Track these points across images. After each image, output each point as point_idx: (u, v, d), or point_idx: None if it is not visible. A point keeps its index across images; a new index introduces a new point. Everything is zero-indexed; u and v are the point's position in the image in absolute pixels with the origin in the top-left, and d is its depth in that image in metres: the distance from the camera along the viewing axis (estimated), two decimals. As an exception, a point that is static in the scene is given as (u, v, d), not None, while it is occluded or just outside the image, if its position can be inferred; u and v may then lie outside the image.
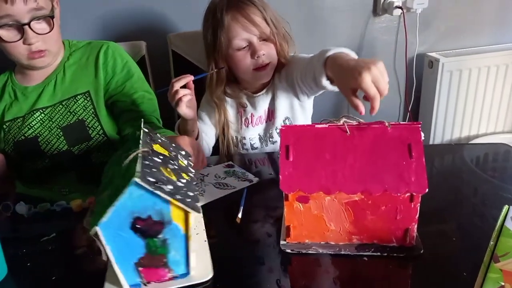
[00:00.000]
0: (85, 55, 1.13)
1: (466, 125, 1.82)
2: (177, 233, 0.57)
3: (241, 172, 0.92)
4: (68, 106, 1.08)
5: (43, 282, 0.64)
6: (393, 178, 0.61)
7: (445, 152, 1.05)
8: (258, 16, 1.04)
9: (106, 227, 0.53)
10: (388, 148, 0.63)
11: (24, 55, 1.01)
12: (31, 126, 1.07)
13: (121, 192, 0.51)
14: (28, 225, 0.79)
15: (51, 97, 1.09)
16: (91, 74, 1.11)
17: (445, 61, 1.66)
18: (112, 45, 1.15)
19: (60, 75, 1.10)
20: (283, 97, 1.13)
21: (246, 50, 1.06)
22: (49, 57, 1.06)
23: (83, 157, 1.09)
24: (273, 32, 1.06)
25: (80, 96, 1.09)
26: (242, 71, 1.10)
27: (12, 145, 1.08)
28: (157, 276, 0.59)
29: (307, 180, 0.63)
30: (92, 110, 1.09)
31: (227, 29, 1.03)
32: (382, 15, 1.65)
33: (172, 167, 0.60)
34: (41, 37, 0.99)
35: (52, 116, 1.08)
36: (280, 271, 0.63)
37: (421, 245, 0.65)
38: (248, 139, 1.18)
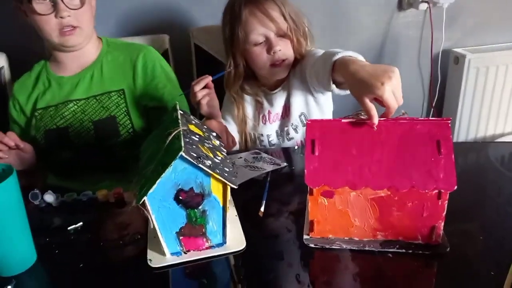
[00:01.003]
0: (123, 54, 1.21)
1: (492, 123, 1.85)
2: (216, 205, 0.64)
3: (269, 158, 0.99)
4: (101, 101, 1.16)
5: (71, 269, 0.69)
6: (421, 175, 0.62)
7: (470, 150, 1.07)
8: (276, 11, 1.08)
9: (152, 198, 0.61)
10: (416, 144, 0.64)
11: (55, 31, 1.08)
12: (63, 117, 1.15)
13: (168, 166, 0.58)
14: (56, 214, 0.86)
15: (85, 90, 1.17)
16: (128, 74, 1.18)
17: (471, 57, 1.70)
18: (151, 50, 1.23)
19: (98, 70, 1.18)
20: (298, 93, 1.18)
21: (262, 46, 1.10)
22: (80, 36, 1.13)
23: (108, 153, 1.16)
24: (291, 28, 1.10)
25: (115, 93, 1.17)
26: (258, 67, 1.16)
27: (43, 133, 1.16)
28: (196, 245, 0.67)
29: (332, 174, 0.64)
30: (124, 108, 1.16)
31: (244, 23, 1.09)
32: (407, 10, 1.70)
33: (208, 146, 0.68)
34: (73, 12, 1.07)
35: (85, 109, 1.16)
36: (300, 266, 0.66)
37: (447, 243, 0.66)
38: (265, 136, 1.23)
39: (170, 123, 0.69)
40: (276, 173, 0.93)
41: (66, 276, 0.68)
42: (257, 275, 0.64)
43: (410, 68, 1.81)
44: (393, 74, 0.69)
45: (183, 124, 0.66)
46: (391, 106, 0.68)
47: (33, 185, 0.90)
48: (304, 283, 0.62)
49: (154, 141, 0.72)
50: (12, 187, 0.64)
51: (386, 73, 0.69)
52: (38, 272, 0.69)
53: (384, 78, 0.68)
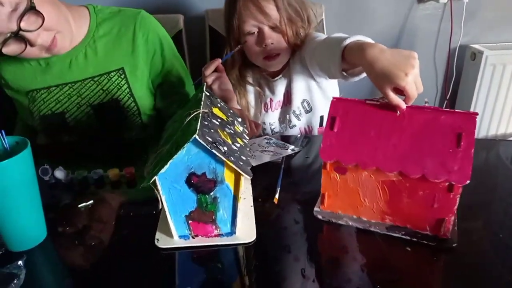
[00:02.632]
0: (116, 25, 1.08)
1: (504, 122, 1.84)
2: (227, 193, 0.64)
3: (281, 143, 0.99)
4: (100, 83, 1.06)
5: (80, 247, 0.68)
6: (434, 164, 0.62)
7: (481, 147, 1.05)
8: (271, 4, 1.06)
9: (163, 178, 0.61)
10: (436, 133, 0.64)
11: (41, 53, 0.96)
12: (59, 101, 1.06)
13: (181, 147, 0.58)
14: (66, 191, 0.85)
15: (80, 71, 1.05)
16: (126, 49, 1.07)
17: (489, 54, 1.68)
18: (145, 15, 1.11)
19: (91, 47, 1.06)
20: (299, 80, 1.17)
21: (255, 36, 1.10)
22: (65, 39, 0.98)
23: (115, 135, 1.12)
24: (286, 21, 1.08)
25: (114, 73, 1.06)
26: (252, 58, 1.15)
27: (38, 118, 1.08)
28: (205, 231, 0.67)
29: (346, 151, 0.67)
30: (127, 90, 1.07)
31: (238, 14, 1.08)
32: (427, 2, 1.67)
33: (228, 131, 0.67)
34: (40, 29, 0.89)
35: (82, 92, 1.06)
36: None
37: (456, 239, 0.66)
38: (268, 124, 1.23)
39: (193, 104, 0.68)
40: (289, 160, 0.93)
41: (75, 253, 0.68)
42: (265, 268, 0.64)
43: (425, 62, 1.79)
44: (415, 62, 0.68)
45: (205, 106, 0.65)
46: (412, 96, 0.67)
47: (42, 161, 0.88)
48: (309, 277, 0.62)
49: (177, 120, 0.71)
50: (26, 161, 0.64)
51: (408, 61, 0.68)
52: (49, 248, 0.69)
53: (407, 68, 0.67)
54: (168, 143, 0.64)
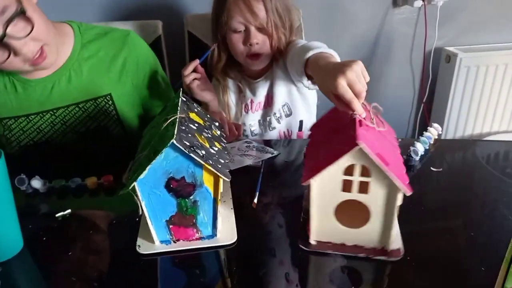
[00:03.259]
0: (103, 48, 1.02)
1: (479, 122, 1.88)
2: (207, 196, 0.64)
3: (261, 147, 1.00)
4: (86, 109, 0.99)
5: (58, 257, 0.67)
6: None
7: (458, 148, 1.09)
8: (260, 4, 1.08)
9: (142, 184, 0.60)
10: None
11: (24, 65, 0.88)
12: (40, 130, 0.99)
13: (159, 152, 0.58)
14: (43, 201, 0.84)
15: (63, 96, 0.98)
16: (114, 75, 1.02)
17: (463, 56, 1.71)
18: (134, 37, 1.07)
19: (75, 70, 0.98)
20: (281, 84, 1.19)
21: (241, 35, 1.11)
22: (52, 53, 0.92)
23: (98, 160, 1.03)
24: (273, 24, 1.10)
25: (101, 99, 1.00)
26: (236, 54, 1.16)
27: (17, 148, 1.01)
28: (186, 235, 0.67)
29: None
30: (115, 116, 1.03)
31: (227, 10, 1.09)
32: (402, 6, 1.70)
33: (206, 135, 0.67)
34: (28, 38, 0.84)
35: (66, 120, 0.99)
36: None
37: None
38: (248, 125, 1.23)
39: (170, 109, 0.68)
40: (270, 164, 0.93)
41: (54, 263, 0.67)
42: (247, 269, 0.64)
43: (402, 65, 1.82)
44: (349, 68, 0.68)
45: (182, 111, 0.65)
46: (347, 99, 0.66)
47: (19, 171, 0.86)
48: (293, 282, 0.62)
49: (154, 127, 0.71)
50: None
51: (340, 68, 0.68)
52: (25, 259, 0.68)
53: (338, 73, 0.67)
54: (146, 149, 0.63)
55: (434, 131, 1.00)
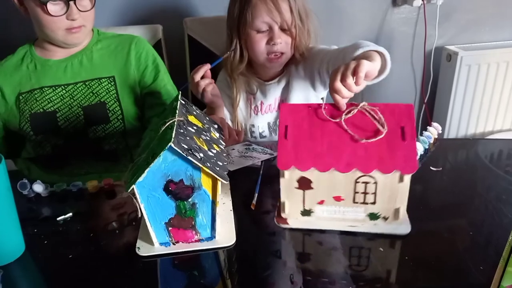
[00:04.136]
0: (113, 43, 1.22)
1: (482, 121, 1.88)
2: (205, 199, 0.64)
3: (260, 148, 1.00)
4: (91, 86, 1.15)
5: (60, 260, 0.68)
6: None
7: (460, 146, 1.09)
8: (285, 4, 1.08)
9: (141, 187, 0.61)
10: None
11: (63, 30, 1.09)
12: (51, 100, 1.14)
13: (157, 156, 0.58)
14: (45, 205, 0.85)
15: (74, 75, 1.16)
16: (119, 62, 1.19)
17: (464, 55, 1.71)
18: (141, 39, 1.25)
19: (87, 56, 1.18)
20: (299, 89, 1.18)
21: (264, 34, 1.10)
22: (83, 34, 1.14)
23: (96, 143, 1.16)
24: (296, 25, 1.10)
25: (105, 79, 1.16)
26: (256, 54, 1.15)
27: (28, 116, 1.14)
28: (185, 237, 0.67)
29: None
30: (115, 95, 1.16)
31: (253, 7, 1.08)
32: (401, 6, 1.71)
33: (204, 138, 0.68)
34: (83, 13, 1.09)
35: (74, 94, 1.15)
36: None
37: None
38: (257, 127, 1.23)
39: (169, 113, 0.69)
40: (268, 165, 0.93)
41: (55, 267, 0.67)
42: (246, 271, 0.64)
43: (403, 64, 1.82)
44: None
45: (181, 114, 0.66)
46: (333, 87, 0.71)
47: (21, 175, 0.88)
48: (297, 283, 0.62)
49: (153, 129, 0.72)
50: (0, 176, 0.63)
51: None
52: (27, 263, 0.68)
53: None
54: (145, 152, 0.64)
55: (434, 130, 1.00)
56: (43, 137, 1.16)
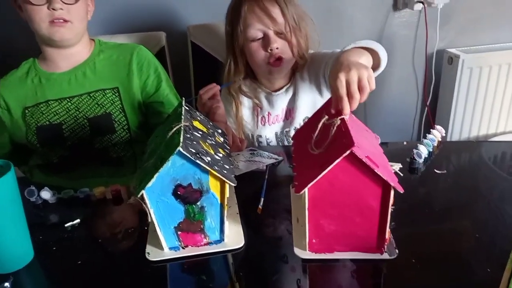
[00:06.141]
0: (116, 53, 1.22)
1: (485, 123, 1.88)
2: (214, 202, 0.65)
3: (265, 154, 1.00)
4: (95, 98, 1.16)
5: (69, 266, 0.68)
6: None
7: (463, 149, 1.09)
8: (276, 9, 1.07)
9: (150, 192, 0.62)
10: None
11: (45, 22, 1.07)
12: (57, 113, 1.15)
13: (166, 160, 0.59)
14: (53, 211, 0.85)
15: (78, 87, 1.16)
16: (122, 72, 1.19)
17: (465, 58, 1.72)
18: (143, 48, 1.25)
19: (90, 68, 1.18)
20: (305, 96, 1.18)
21: (260, 42, 1.10)
22: (70, 31, 1.11)
23: (102, 152, 1.17)
24: (291, 29, 1.09)
25: (109, 90, 1.17)
26: (256, 64, 1.15)
27: (34, 129, 1.15)
28: (194, 241, 0.67)
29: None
30: (120, 105, 1.17)
31: (243, 19, 1.09)
32: (402, 10, 1.72)
33: (210, 142, 0.68)
34: (66, 6, 1.07)
35: (79, 106, 1.16)
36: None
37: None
38: (264, 137, 1.22)
39: (174, 118, 0.70)
40: (273, 169, 0.94)
41: (64, 273, 0.68)
42: (256, 274, 0.64)
43: (404, 68, 1.83)
44: (354, 68, 0.69)
45: (186, 119, 0.67)
46: (337, 94, 0.68)
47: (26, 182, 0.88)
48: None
49: (158, 136, 0.72)
50: (10, 183, 0.64)
51: (349, 65, 0.70)
52: (36, 269, 0.69)
53: (343, 68, 0.69)
54: (152, 157, 0.65)
55: (438, 133, 1.00)
56: (50, 148, 1.17)
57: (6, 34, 1.45)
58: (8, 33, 1.44)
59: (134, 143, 1.19)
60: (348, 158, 0.57)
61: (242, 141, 1.03)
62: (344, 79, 0.68)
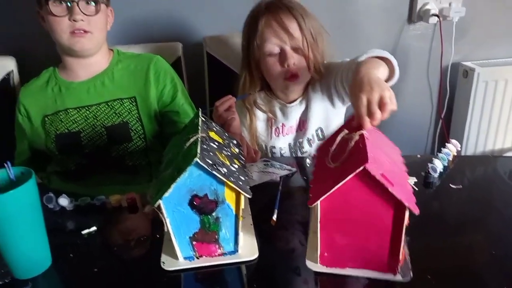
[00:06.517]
0: (134, 63, 1.25)
1: (500, 137, 1.85)
2: (229, 213, 0.65)
3: (279, 165, 1.01)
4: (113, 107, 1.19)
5: (85, 274, 0.69)
6: None
7: (478, 164, 1.08)
8: (294, 23, 1.07)
9: (167, 202, 0.63)
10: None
11: (66, 33, 1.11)
12: (76, 121, 1.18)
13: (183, 171, 0.60)
14: (70, 218, 0.87)
15: (97, 96, 1.19)
16: (139, 82, 1.21)
17: (480, 71, 1.71)
18: (160, 58, 1.27)
19: (108, 77, 1.21)
20: (317, 108, 1.18)
21: (277, 57, 1.09)
22: (90, 42, 1.15)
23: (119, 160, 1.19)
24: (308, 43, 1.08)
25: (126, 100, 1.20)
26: (272, 79, 1.15)
27: (53, 137, 1.18)
28: (209, 251, 0.68)
29: None
30: (136, 114, 1.19)
31: (260, 33, 1.09)
32: (417, 22, 1.72)
33: (226, 153, 0.69)
34: (86, 17, 1.11)
35: (97, 115, 1.18)
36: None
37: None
38: (278, 148, 1.23)
39: (191, 129, 0.71)
40: (287, 181, 0.94)
41: (81, 280, 0.69)
42: (268, 285, 0.65)
43: (419, 80, 1.82)
44: (377, 88, 0.70)
45: (203, 131, 0.68)
46: (359, 113, 0.68)
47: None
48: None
49: (175, 146, 0.74)
50: (31, 190, 0.65)
51: (372, 85, 0.71)
52: (53, 276, 0.70)
53: (365, 88, 0.70)
54: (169, 168, 0.66)
55: (453, 147, 1.00)
56: (68, 156, 1.19)
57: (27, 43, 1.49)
58: (29, 42, 1.48)
59: (150, 152, 1.21)
60: (362, 174, 0.57)
61: (257, 153, 1.03)
62: (366, 98, 0.69)
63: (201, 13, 1.60)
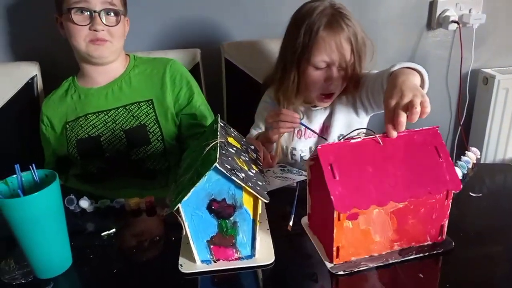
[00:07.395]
0: (150, 67, 1.27)
1: (521, 145, 1.82)
2: (246, 217, 0.66)
3: (296, 170, 1.01)
4: (131, 110, 1.21)
5: (105, 275, 0.71)
6: (432, 180, 0.67)
7: (498, 172, 1.06)
8: (348, 46, 1.06)
9: (186, 205, 0.63)
10: (418, 152, 0.69)
11: (85, 40, 1.15)
12: (95, 126, 1.20)
13: (202, 175, 0.61)
14: (90, 220, 0.89)
15: (115, 100, 1.22)
16: (156, 85, 1.24)
17: (501, 78, 1.68)
18: (176, 61, 1.30)
19: (126, 82, 1.24)
20: (342, 115, 1.18)
21: (322, 72, 1.08)
22: (108, 50, 1.18)
23: (138, 164, 1.20)
24: (354, 65, 1.08)
25: (144, 103, 1.22)
26: (310, 89, 1.13)
27: (75, 142, 1.21)
28: (226, 255, 0.69)
29: (358, 196, 0.64)
30: (154, 117, 1.21)
31: (316, 44, 1.06)
32: (436, 29, 1.70)
33: (244, 158, 0.70)
34: (107, 28, 1.15)
35: (116, 119, 1.21)
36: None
37: (450, 239, 0.72)
38: (298, 150, 1.22)
39: (210, 134, 0.72)
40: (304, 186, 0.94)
41: (100, 281, 0.70)
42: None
43: (438, 87, 1.80)
44: (409, 93, 0.72)
45: (221, 136, 0.69)
46: (385, 118, 0.71)
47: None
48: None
49: (194, 151, 0.75)
50: (55, 192, 0.67)
51: (401, 90, 0.73)
52: (74, 276, 0.72)
53: (396, 94, 0.73)
54: (188, 172, 0.67)
55: (473, 155, 0.99)
56: (89, 160, 1.22)
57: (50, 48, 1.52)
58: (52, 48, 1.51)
59: (169, 155, 1.23)
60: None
61: (273, 158, 1.04)
62: (395, 102, 0.71)
63: (220, 20, 1.61)
